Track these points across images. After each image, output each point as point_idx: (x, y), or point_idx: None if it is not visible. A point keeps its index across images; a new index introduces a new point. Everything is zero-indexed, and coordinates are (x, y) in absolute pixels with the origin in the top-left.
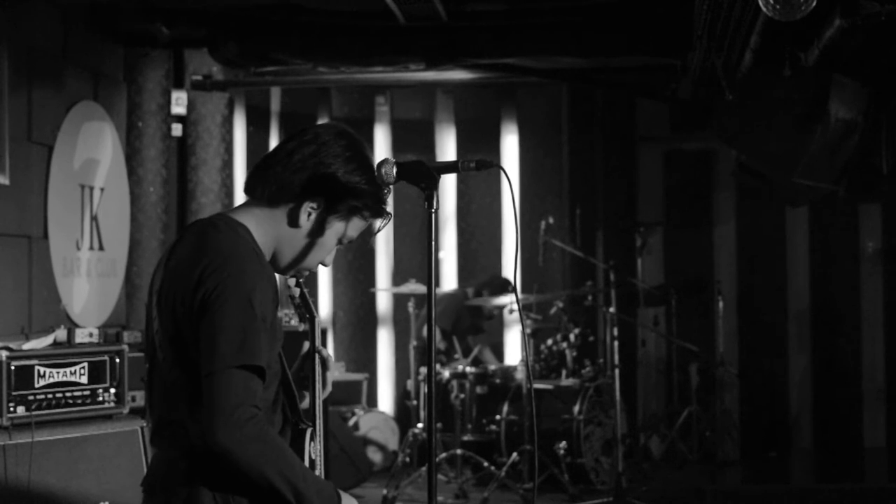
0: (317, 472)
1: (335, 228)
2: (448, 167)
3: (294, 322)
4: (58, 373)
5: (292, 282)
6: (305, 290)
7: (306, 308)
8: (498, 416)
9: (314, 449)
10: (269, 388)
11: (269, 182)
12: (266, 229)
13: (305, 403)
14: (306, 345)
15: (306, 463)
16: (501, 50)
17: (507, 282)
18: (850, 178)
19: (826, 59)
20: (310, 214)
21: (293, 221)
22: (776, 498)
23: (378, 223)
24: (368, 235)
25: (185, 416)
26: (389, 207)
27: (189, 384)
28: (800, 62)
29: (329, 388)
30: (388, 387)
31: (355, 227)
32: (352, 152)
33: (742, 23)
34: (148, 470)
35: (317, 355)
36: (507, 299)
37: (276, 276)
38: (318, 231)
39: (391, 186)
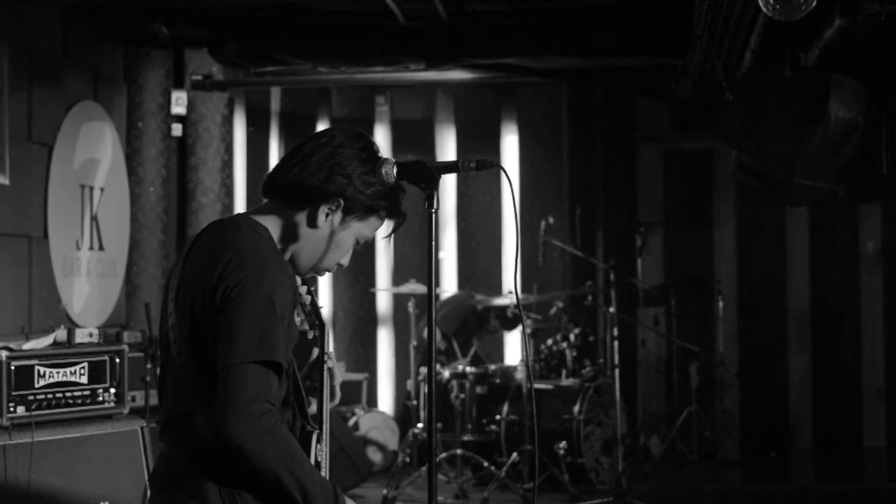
0: (322, 473)
1: (353, 229)
2: (448, 167)
3: (299, 321)
4: (58, 373)
5: (303, 289)
6: (316, 299)
7: (316, 316)
8: (498, 416)
9: (320, 451)
10: (281, 387)
11: (286, 184)
12: (285, 230)
13: (312, 409)
14: (315, 352)
15: (312, 463)
16: (501, 50)
17: (516, 314)
18: (850, 178)
19: (826, 59)
20: (328, 215)
21: (312, 222)
22: (776, 498)
23: (397, 221)
24: (384, 234)
25: (195, 411)
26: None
27: (202, 380)
28: (800, 62)
29: (337, 399)
30: (388, 387)
31: (372, 226)
32: (367, 154)
33: (742, 23)
34: (155, 465)
35: (326, 364)
36: (508, 300)
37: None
38: (336, 232)
39: (385, 185)
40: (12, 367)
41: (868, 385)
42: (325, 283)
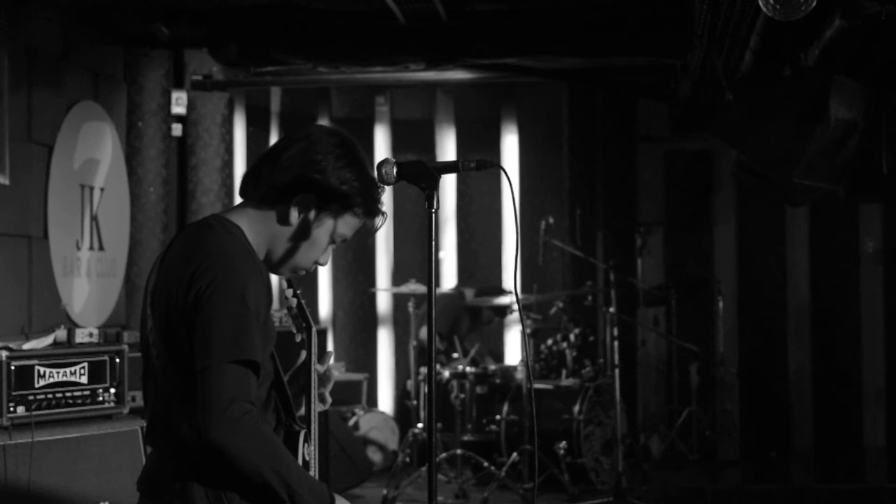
0: (311, 473)
1: (326, 226)
2: (448, 167)
3: (286, 322)
4: (58, 373)
5: (289, 292)
6: (303, 301)
7: (303, 318)
8: (498, 416)
9: (308, 451)
10: (261, 386)
11: (259, 182)
12: (258, 229)
13: (302, 411)
14: (303, 354)
15: (300, 463)
16: (501, 50)
17: (495, 311)
18: (850, 178)
19: (826, 59)
20: (300, 212)
21: (283, 219)
22: (776, 498)
23: (377, 221)
24: (366, 235)
25: (177, 413)
26: (386, 206)
27: (181, 381)
28: (800, 62)
29: (327, 405)
30: (388, 387)
31: (348, 224)
32: (342, 150)
33: (742, 23)
34: (143, 469)
35: (314, 364)
36: (508, 300)
37: (273, 279)
38: (308, 229)
39: (385, 185)
40: (12, 367)
41: (868, 385)
42: (325, 283)
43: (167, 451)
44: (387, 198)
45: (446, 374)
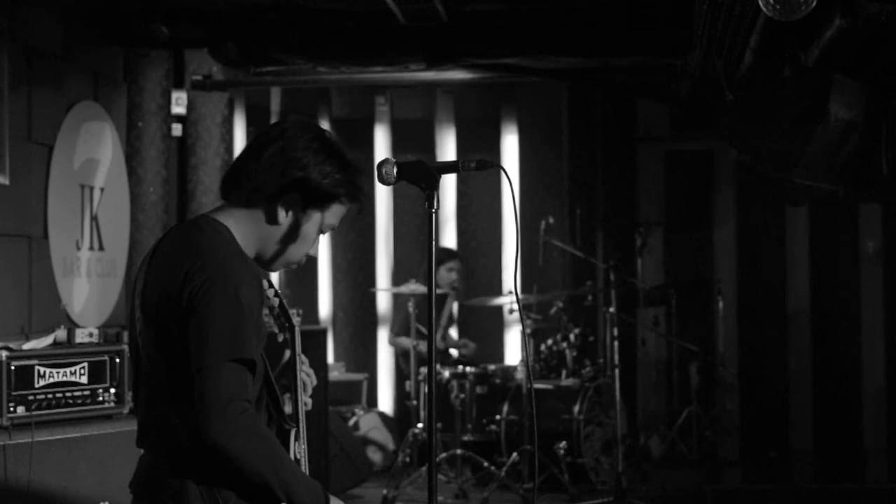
0: (302, 471)
1: (314, 220)
2: (448, 167)
3: (269, 323)
4: (58, 373)
5: (271, 292)
6: (284, 300)
7: (285, 317)
8: (498, 416)
9: (299, 448)
10: (255, 384)
11: (242, 184)
12: (247, 229)
13: (288, 409)
14: (287, 353)
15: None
16: (501, 50)
17: (449, 250)
18: (850, 178)
19: (826, 59)
20: (287, 211)
21: (272, 219)
22: (776, 498)
23: (361, 202)
24: (352, 214)
25: (170, 415)
26: (385, 205)
27: (173, 383)
28: (800, 62)
29: (309, 406)
30: (388, 387)
31: (334, 213)
32: (319, 143)
33: (742, 23)
34: (135, 471)
35: (298, 363)
36: (507, 298)
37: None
38: (297, 225)
39: (385, 185)
40: (12, 367)
41: (868, 385)
42: (325, 283)
43: (162, 452)
44: (387, 198)
45: (446, 374)
